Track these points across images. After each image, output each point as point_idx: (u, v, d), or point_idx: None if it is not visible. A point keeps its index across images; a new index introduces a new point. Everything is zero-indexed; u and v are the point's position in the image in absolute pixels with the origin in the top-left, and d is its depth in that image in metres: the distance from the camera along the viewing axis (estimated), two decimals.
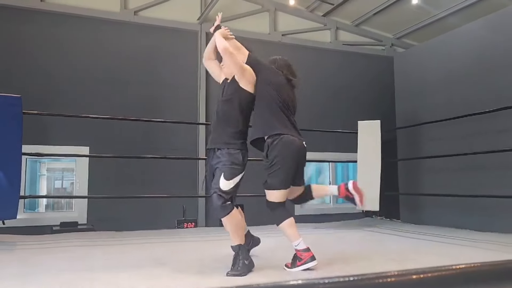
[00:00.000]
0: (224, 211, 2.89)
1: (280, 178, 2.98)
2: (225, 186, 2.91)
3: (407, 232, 5.29)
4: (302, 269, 2.87)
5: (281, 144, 2.98)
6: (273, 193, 3.02)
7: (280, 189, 3.00)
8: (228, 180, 2.92)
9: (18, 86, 5.35)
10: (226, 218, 2.90)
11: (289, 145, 3.00)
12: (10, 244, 4.17)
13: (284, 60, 3.39)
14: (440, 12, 7.35)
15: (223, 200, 2.89)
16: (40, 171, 6.76)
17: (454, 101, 5.97)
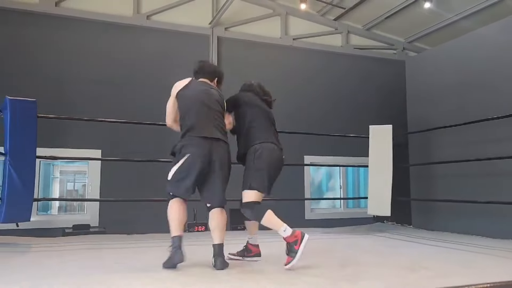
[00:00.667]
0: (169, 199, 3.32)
1: (264, 182, 3.34)
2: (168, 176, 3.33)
3: (419, 238, 5.24)
4: (302, 249, 3.05)
5: (266, 150, 3.37)
6: (253, 194, 3.31)
7: (262, 192, 3.34)
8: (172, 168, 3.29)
9: (32, 90, 5.43)
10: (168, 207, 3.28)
11: (271, 152, 3.40)
12: (24, 246, 4.23)
13: (257, 83, 3.76)
14: (452, 15, 7.29)
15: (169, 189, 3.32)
16: (53, 173, 6.84)
17: (467, 106, 5.91)
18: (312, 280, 2.77)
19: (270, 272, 3.03)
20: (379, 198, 5.91)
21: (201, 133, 3.20)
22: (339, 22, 8.04)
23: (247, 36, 7.42)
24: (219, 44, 7.22)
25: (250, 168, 3.37)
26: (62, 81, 6.21)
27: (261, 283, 2.70)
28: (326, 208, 7.84)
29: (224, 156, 3.26)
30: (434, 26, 7.76)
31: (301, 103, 7.47)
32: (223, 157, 3.25)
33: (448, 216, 6.09)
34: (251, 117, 3.50)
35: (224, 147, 3.27)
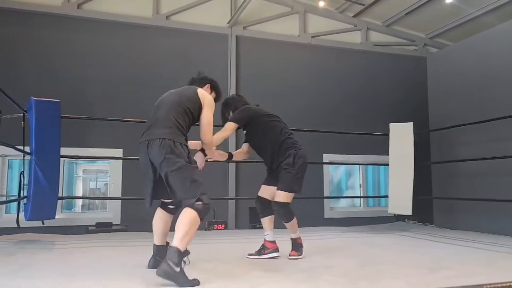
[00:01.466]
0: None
1: (302, 185, 3.60)
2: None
3: (442, 237, 5.15)
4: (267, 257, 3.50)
5: (304, 155, 3.62)
6: (291, 196, 3.57)
7: (298, 192, 3.60)
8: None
9: (56, 91, 5.55)
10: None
11: (306, 157, 3.65)
12: (49, 243, 4.34)
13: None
14: (475, 10, 7.12)
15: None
16: (77, 172, 6.99)
17: (490, 102, 5.78)
18: (332, 279, 2.77)
19: (290, 271, 3.03)
20: (400, 197, 5.84)
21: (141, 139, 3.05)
22: (358, 18, 7.96)
23: (265, 35, 7.42)
24: (238, 43, 7.24)
25: (291, 171, 3.52)
26: (85, 82, 6.33)
27: (281, 281, 2.70)
28: (345, 206, 7.78)
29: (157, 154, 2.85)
30: (455, 22, 7.60)
31: (320, 101, 7.43)
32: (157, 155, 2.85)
33: (471, 215, 5.97)
34: (280, 125, 3.68)
35: (157, 143, 2.85)
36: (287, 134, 3.66)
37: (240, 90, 6.86)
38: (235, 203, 6.62)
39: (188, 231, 2.63)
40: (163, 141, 2.84)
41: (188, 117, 3.04)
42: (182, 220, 2.66)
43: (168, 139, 2.84)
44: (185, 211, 2.70)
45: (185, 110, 3.05)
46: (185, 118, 3.01)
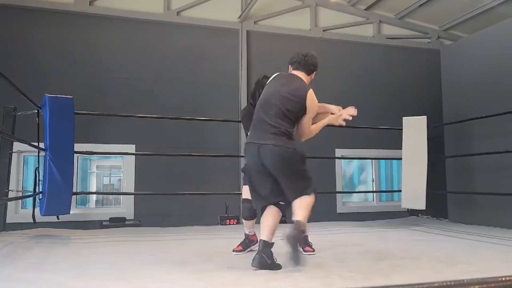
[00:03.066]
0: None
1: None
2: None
3: (456, 232, 5.09)
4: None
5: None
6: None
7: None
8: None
9: (68, 88, 5.61)
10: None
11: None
12: (65, 238, 4.40)
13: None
14: (491, 1, 6.98)
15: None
16: (90, 168, 7.06)
17: (505, 95, 5.67)
18: (346, 274, 2.75)
19: (304, 266, 3.02)
20: (414, 191, 5.78)
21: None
22: (370, 11, 7.87)
23: (276, 29, 7.38)
24: (249, 38, 7.22)
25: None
26: (97, 78, 6.38)
27: (295, 276, 2.70)
28: (358, 201, 7.74)
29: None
30: (470, 13, 7.46)
31: (332, 95, 7.32)
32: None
33: (486, 209, 5.89)
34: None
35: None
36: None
37: (251, 85, 6.84)
38: None
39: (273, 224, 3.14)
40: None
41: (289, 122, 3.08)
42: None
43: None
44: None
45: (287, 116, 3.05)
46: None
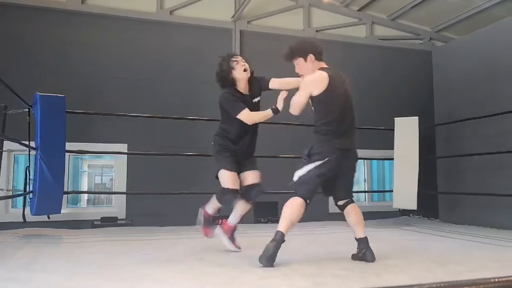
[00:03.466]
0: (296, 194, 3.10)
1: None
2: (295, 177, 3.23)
3: (447, 232, 5.14)
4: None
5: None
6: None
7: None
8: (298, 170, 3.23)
9: (60, 86, 5.56)
10: (290, 200, 3.08)
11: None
12: (56, 238, 4.36)
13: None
14: (483, 3, 7.04)
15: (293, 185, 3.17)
16: (82, 167, 7.02)
17: (496, 96, 5.73)
18: (338, 273, 2.76)
19: (297, 265, 3.03)
20: (405, 192, 5.82)
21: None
22: (363, 12, 7.90)
23: (269, 29, 7.39)
24: (242, 37, 7.21)
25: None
26: (89, 77, 6.34)
27: (289, 275, 2.70)
28: None
29: None
30: (462, 15, 7.52)
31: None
32: None
33: (476, 209, 5.95)
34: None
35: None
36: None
37: None
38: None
39: None
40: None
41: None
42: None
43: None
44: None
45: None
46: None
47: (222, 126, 3.55)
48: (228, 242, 3.59)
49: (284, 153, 5.97)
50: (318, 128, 3.12)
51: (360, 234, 3.18)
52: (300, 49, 3.16)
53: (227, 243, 3.59)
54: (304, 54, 3.14)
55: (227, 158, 3.44)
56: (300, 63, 3.17)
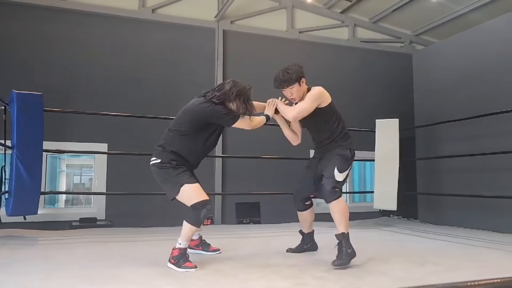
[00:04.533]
0: (333, 195, 3.12)
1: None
2: (339, 177, 3.20)
3: (426, 232, 5.22)
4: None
5: None
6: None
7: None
8: (341, 173, 3.22)
9: (38, 84, 5.44)
10: (335, 202, 3.12)
11: None
12: (31, 239, 4.25)
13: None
14: (461, 8, 7.21)
15: (335, 188, 3.16)
16: (60, 167, 6.89)
17: (475, 99, 5.85)
18: (320, 275, 2.77)
19: (278, 267, 3.03)
20: (386, 192, 5.89)
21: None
22: (345, 15, 7.98)
23: (252, 30, 7.39)
24: (225, 37, 7.19)
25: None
26: (69, 75, 6.22)
27: (270, 277, 2.70)
28: None
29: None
30: (442, 19, 7.68)
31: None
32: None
33: (454, 210, 6.06)
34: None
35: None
36: None
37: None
38: (221, 199, 6.60)
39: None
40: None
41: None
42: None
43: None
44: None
45: None
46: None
47: (181, 139, 3.12)
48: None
49: (265, 154, 5.97)
50: (342, 134, 3.40)
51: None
52: (297, 77, 3.32)
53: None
54: (299, 79, 3.33)
55: (185, 173, 3.07)
56: (295, 88, 3.32)
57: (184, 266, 2.88)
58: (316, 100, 3.28)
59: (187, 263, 2.91)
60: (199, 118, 3.09)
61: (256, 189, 6.03)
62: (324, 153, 3.41)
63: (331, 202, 3.14)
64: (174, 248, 2.98)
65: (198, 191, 3.03)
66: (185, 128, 3.10)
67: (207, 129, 3.16)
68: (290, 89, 3.32)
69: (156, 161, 3.12)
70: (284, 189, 6.50)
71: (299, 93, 3.34)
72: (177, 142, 3.12)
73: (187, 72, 6.88)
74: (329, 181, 3.16)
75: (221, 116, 3.11)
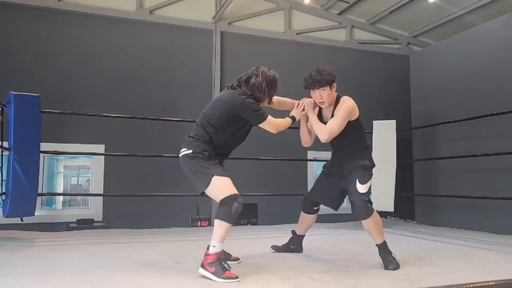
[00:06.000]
0: (368, 211, 3.11)
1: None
2: (362, 189, 3.16)
3: (423, 233, 5.24)
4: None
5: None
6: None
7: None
8: (363, 184, 3.17)
9: (36, 85, 5.44)
10: (371, 217, 3.11)
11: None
12: (29, 240, 4.24)
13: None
14: (458, 10, 7.23)
15: (366, 202, 3.13)
16: (57, 168, 6.87)
17: (472, 101, 5.87)
18: (317, 276, 2.78)
19: (275, 268, 3.03)
20: (383, 193, 5.90)
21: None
22: (343, 16, 8.00)
23: (250, 31, 7.39)
24: (223, 39, 7.20)
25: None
26: (67, 76, 6.21)
27: (267, 278, 2.70)
28: None
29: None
30: (439, 21, 7.70)
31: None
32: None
33: (452, 211, 6.08)
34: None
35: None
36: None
37: (224, 85, 6.81)
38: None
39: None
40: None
41: None
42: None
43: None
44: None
45: None
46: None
47: (211, 130, 2.95)
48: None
49: (262, 154, 5.98)
50: (363, 147, 3.39)
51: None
52: (330, 80, 3.24)
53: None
54: (331, 83, 3.24)
55: (217, 165, 2.90)
56: (327, 91, 3.22)
57: (224, 276, 2.61)
58: (349, 116, 3.21)
59: (227, 272, 2.64)
60: (230, 109, 2.92)
61: (253, 190, 6.03)
62: (343, 161, 3.33)
63: (366, 219, 3.11)
64: (208, 254, 2.69)
65: (229, 185, 2.81)
66: (215, 120, 2.94)
67: (236, 123, 2.98)
68: (321, 91, 3.19)
69: (187, 152, 2.92)
70: (282, 190, 6.51)
71: (329, 97, 3.23)
72: (208, 134, 2.94)
73: (184, 74, 6.88)
74: (357, 199, 3.11)
75: (250, 111, 2.94)
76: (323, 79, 3.17)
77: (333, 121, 3.16)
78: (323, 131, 3.16)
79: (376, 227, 3.13)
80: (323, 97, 3.21)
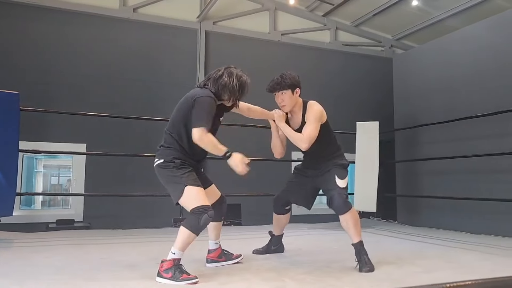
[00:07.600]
0: (346, 206, 3.11)
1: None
2: (342, 184, 3.20)
3: (404, 234, 5.29)
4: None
5: None
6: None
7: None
8: (342, 179, 3.22)
9: (15, 82, 5.31)
10: (349, 212, 3.11)
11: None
12: (6, 241, 4.14)
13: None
14: (440, 13, 7.35)
15: (345, 196, 3.16)
16: (37, 167, 6.73)
17: (453, 103, 5.97)
18: (299, 277, 2.77)
19: (257, 269, 3.02)
20: (365, 194, 5.95)
21: None
22: (327, 18, 8.05)
23: (235, 31, 7.38)
24: (207, 38, 7.16)
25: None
26: (46, 73, 6.09)
27: (249, 279, 2.69)
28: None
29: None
30: (421, 24, 7.82)
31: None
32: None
33: (433, 212, 6.17)
34: None
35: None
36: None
37: None
38: None
39: None
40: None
41: None
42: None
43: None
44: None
45: None
46: None
47: (177, 133, 2.84)
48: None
49: (247, 155, 5.95)
50: (336, 147, 3.46)
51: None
52: (291, 83, 3.24)
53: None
54: (293, 87, 3.24)
55: (190, 174, 2.81)
56: (288, 95, 3.24)
57: (182, 278, 2.58)
58: (319, 120, 3.24)
59: (184, 275, 2.60)
60: (186, 106, 2.81)
61: (236, 191, 6.02)
62: (319, 163, 3.35)
63: (344, 214, 3.10)
64: (165, 260, 2.66)
65: (200, 195, 2.74)
66: (179, 121, 2.84)
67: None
68: (282, 94, 3.23)
69: (159, 161, 2.88)
70: (265, 191, 6.50)
71: (290, 101, 3.25)
72: (175, 140, 2.85)
73: (168, 73, 6.83)
74: (336, 193, 3.12)
75: (201, 109, 2.74)
76: (284, 82, 3.21)
77: (308, 127, 3.18)
78: (303, 139, 3.17)
79: (354, 224, 3.13)
80: (284, 100, 3.25)
